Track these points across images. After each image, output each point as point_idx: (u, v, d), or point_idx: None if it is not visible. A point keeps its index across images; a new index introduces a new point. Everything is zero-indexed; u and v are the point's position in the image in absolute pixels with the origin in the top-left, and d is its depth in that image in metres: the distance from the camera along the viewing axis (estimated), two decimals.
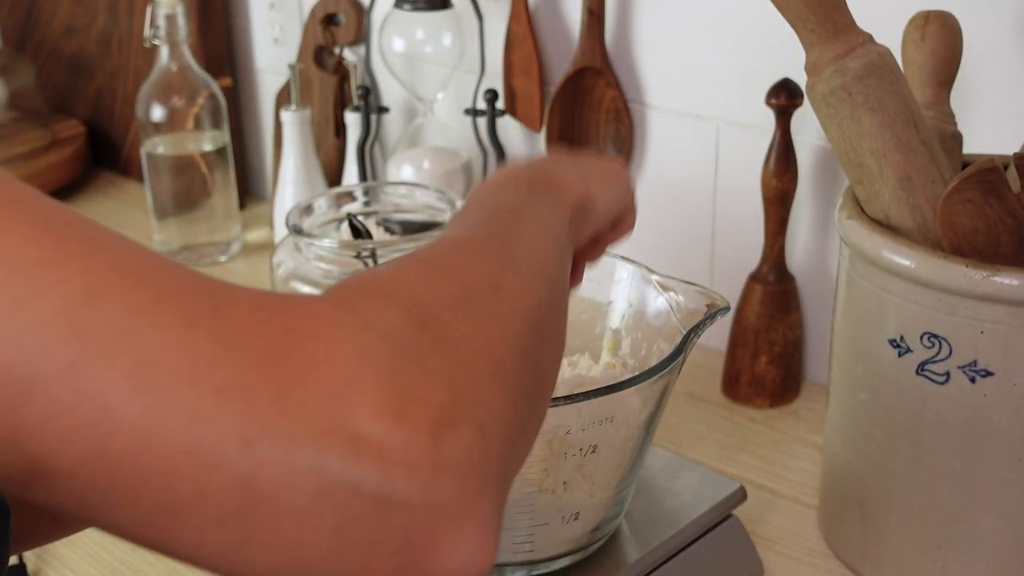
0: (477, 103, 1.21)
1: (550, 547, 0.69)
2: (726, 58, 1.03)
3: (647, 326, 0.74)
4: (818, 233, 1.02)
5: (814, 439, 0.96)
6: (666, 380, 0.67)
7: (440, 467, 0.34)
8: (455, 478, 0.35)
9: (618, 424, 0.66)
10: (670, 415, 0.99)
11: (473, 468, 0.35)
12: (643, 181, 1.14)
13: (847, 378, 0.77)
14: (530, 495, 0.66)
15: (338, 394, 0.34)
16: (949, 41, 0.78)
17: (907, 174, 0.71)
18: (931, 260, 0.67)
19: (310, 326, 0.35)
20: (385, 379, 0.35)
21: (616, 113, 1.11)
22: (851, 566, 0.80)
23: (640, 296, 0.75)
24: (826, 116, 0.72)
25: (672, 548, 0.73)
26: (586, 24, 1.09)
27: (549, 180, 0.56)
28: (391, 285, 0.40)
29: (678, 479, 0.79)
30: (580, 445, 0.66)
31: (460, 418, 0.35)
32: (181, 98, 1.27)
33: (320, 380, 0.34)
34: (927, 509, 0.73)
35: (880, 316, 0.72)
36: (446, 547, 0.35)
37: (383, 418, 0.34)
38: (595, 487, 0.68)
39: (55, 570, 0.84)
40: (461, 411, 0.36)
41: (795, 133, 0.96)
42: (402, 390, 0.35)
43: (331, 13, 1.30)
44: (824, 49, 0.71)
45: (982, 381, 0.68)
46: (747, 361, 1.01)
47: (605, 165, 0.63)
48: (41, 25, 1.61)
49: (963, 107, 0.85)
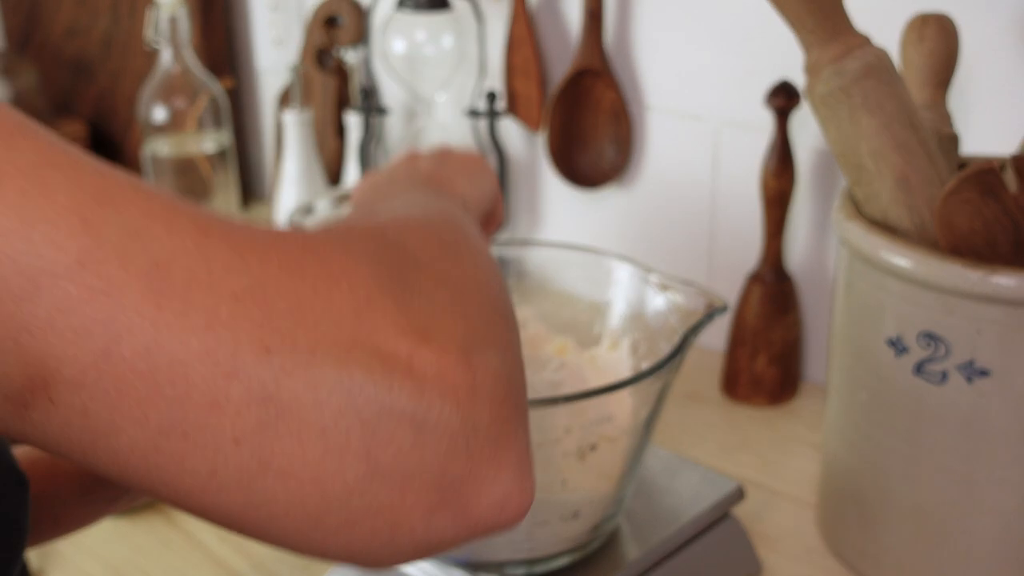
0: (477, 104, 1.21)
1: (548, 546, 0.69)
2: (725, 59, 1.03)
3: (646, 326, 0.75)
4: (816, 233, 1.03)
5: (813, 438, 0.97)
6: (664, 380, 0.67)
7: (476, 389, 0.32)
8: (492, 402, 0.33)
9: (617, 423, 0.67)
10: (669, 415, 1.00)
11: (506, 394, 0.33)
12: (642, 182, 1.14)
13: (845, 378, 0.77)
14: None
15: (360, 309, 0.32)
16: (947, 43, 0.78)
17: (905, 175, 0.71)
18: (929, 260, 0.68)
19: (324, 247, 0.34)
20: (403, 305, 0.33)
21: (615, 114, 1.12)
22: (849, 565, 0.81)
23: (639, 296, 0.76)
24: (824, 117, 0.73)
25: (671, 547, 0.74)
26: (586, 26, 1.09)
27: (434, 178, 0.54)
28: (380, 233, 0.38)
29: (677, 478, 0.79)
30: (579, 444, 0.66)
31: (481, 345, 0.34)
32: (183, 99, 1.28)
33: (340, 294, 0.32)
34: (925, 508, 0.74)
35: (878, 316, 0.72)
36: (487, 480, 0.33)
37: (408, 337, 0.32)
38: (594, 486, 0.68)
39: (58, 569, 0.84)
40: (479, 340, 0.34)
41: (794, 134, 0.97)
42: (420, 316, 0.33)
43: (332, 15, 1.31)
44: (822, 50, 0.71)
45: (979, 381, 0.68)
46: (746, 361, 1.01)
47: (470, 160, 0.60)
48: (43, 26, 1.61)
49: (961, 108, 0.85)
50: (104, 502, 0.61)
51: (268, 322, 0.31)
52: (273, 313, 0.31)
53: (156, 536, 0.87)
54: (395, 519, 0.32)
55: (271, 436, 0.30)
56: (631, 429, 0.68)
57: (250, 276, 0.31)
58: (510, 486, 0.33)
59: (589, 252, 0.79)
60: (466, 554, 0.70)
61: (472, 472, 0.32)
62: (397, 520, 0.32)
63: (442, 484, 0.32)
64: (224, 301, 0.31)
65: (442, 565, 0.71)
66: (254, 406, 0.30)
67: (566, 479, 0.67)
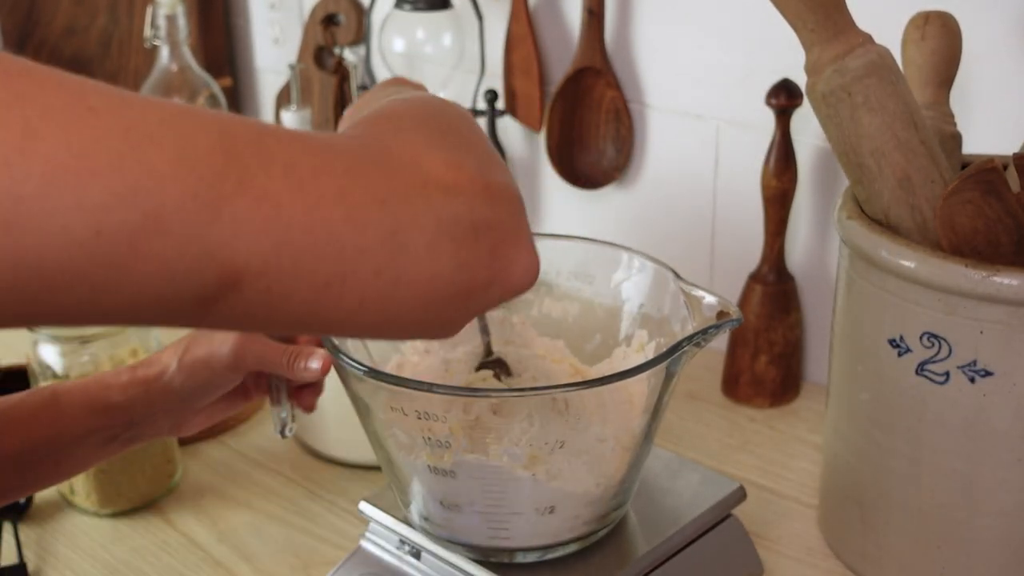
0: (477, 103, 1.21)
1: (563, 532, 0.70)
2: (726, 58, 1.03)
3: (666, 329, 0.74)
4: (818, 233, 1.02)
5: (814, 439, 0.96)
6: (662, 379, 0.67)
7: (499, 196, 0.47)
8: (511, 203, 0.48)
9: (618, 417, 0.67)
10: (670, 415, 0.99)
11: (518, 198, 0.49)
12: (643, 181, 1.14)
13: (847, 378, 0.77)
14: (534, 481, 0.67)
15: (419, 159, 0.45)
16: (949, 41, 0.78)
17: (907, 174, 0.71)
18: (931, 260, 0.67)
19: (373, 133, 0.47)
20: (442, 152, 0.47)
21: (616, 113, 1.12)
22: (851, 566, 0.80)
23: (657, 298, 0.75)
24: (826, 116, 0.72)
25: (672, 547, 0.73)
26: (586, 24, 1.09)
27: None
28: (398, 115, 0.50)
29: (678, 479, 0.79)
30: (582, 435, 0.66)
31: (494, 173, 0.48)
32: (181, 98, 1.27)
33: (403, 154, 0.45)
34: (927, 509, 0.73)
35: (880, 316, 0.72)
36: (516, 256, 0.47)
37: (452, 170, 0.46)
38: (599, 478, 0.68)
39: (56, 570, 0.84)
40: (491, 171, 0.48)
41: (795, 133, 0.96)
42: (454, 157, 0.47)
43: (331, 13, 1.30)
44: (824, 49, 0.71)
45: (982, 381, 0.68)
46: (747, 361, 1.01)
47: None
48: (41, 25, 1.61)
49: (963, 107, 0.85)
50: (97, 445, 0.71)
51: (376, 183, 0.43)
52: (374, 177, 0.43)
53: (154, 537, 0.87)
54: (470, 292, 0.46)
55: (399, 260, 0.43)
56: (633, 423, 0.68)
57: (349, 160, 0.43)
58: (530, 259, 0.48)
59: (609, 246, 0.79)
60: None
61: (509, 252, 0.47)
62: (472, 294, 0.46)
63: (493, 263, 0.46)
64: (340, 179, 0.42)
65: (457, 550, 0.71)
66: (385, 243, 0.43)
67: (563, 468, 0.67)
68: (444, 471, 0.66)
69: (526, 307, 0.81)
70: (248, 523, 0.89)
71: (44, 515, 0.90)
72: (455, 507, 0.69)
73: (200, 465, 0.96)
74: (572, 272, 0.80)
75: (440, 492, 0.68)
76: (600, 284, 0.79)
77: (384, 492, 0.77)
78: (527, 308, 0.81)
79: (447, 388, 0.66)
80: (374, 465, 0.92)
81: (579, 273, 0.79)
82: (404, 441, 0.67)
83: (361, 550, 0.77)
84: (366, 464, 0.94)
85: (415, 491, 0.70)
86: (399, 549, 0.75)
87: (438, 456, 0.66)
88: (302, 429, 0.96)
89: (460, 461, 0.66)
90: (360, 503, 0.77)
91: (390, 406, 0.66)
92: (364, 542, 0.78)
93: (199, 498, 0.92)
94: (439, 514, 0.70)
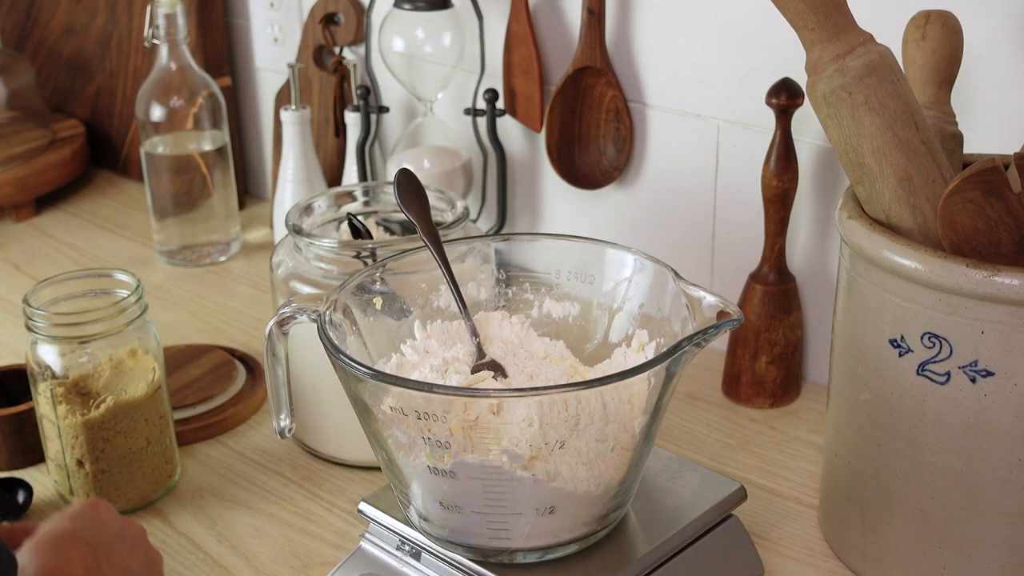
0: (477, 103, 1.21)
1: (563, 532, 0.69)
2: (726, 58, 1.03)
3: (666, 329, 0.74)
4: (818, 233, 1.02)
5: (814, 439, 0.96)
6: (662, 379, 0.67)
7: None
8: None
9: (618, 417, 0.67)
10: (670, 415, 0.99)
11: None
12: (643, 181, 1.14)
13: (847, 378, 0.77)
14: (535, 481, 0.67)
15: None
16: (950, 41, 0.78)
17: (908, 174, 0.71)
18: (932, 260, 0.67)
19: None
20: None
21: (616, 113, 1.11)
22: (851, 566, 0.80)
23: (657, 298, 0.75)
24: (826, 116, 0.72)
25: (672, 548, 0.73)
26: (586, 24, 1.09)
27: None
28: None
29: (678, 479, 0.79)
30: (582, 435, 0.66)
31: None
32: (180, 98, 1.27)
33: None
34: (927, 509, 0.73)
35: (880, 316, 0.72)
36: None
37: None
38: (599, 478, 0.68)
39: None
40: None
41: (795, 133, 0.96)
42: None
43: (331, 13, 1.30)
44: (825, 48, 0.71)
45: (983, 381, 0.68)
46: (747, 361, 1.01)
47: None
48: (40, 25, 1.61)
49: (964, 107, 0.85)
50: None
51: None
52: None
53: (153, 537, 0.87)
54: None
55: None
56: (633, 423, 0.68)
57: None
58: None
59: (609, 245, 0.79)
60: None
61: None
62: None
63: None
64: None
65: (457, 551, 0.71)
66: None
67: (567, 467, 0.67)
68: (444, 471, 0.66)
69: (526, 307, 0.81)
70: (247, 523, 0.88)
71: (43, 516, 0.90)
72: (455, 507, 0.69)
73: (199, 465, 0.96)
74: (572, 272, 0.80)
75: (440, 492, 0.68)
76: (600, 284, 0.79)
77: (384, 492, 0.77)
78: (527, 308, 0.81)
79: (447, 388, 0.66)
80: (374, 465, 0.92)
81: (579, 273, 0.79)
82: (404, 441, 0.67)
83: (361, 550, 0.77)
84: (366, 464, 0.94)
85: (415, 491, 0.70)
86: (399, 549, 0.75)
87: (438, 456, 0.66)
88: (302, 429, 0.96)
89: (460, 461, 0.66)
90: (360, 503, 0.77)
91: (390, 406, 0.66)
92: (364, 542, 0.78)
93: (198, 498, 0.92)
94: (439, 515, 0.70)
